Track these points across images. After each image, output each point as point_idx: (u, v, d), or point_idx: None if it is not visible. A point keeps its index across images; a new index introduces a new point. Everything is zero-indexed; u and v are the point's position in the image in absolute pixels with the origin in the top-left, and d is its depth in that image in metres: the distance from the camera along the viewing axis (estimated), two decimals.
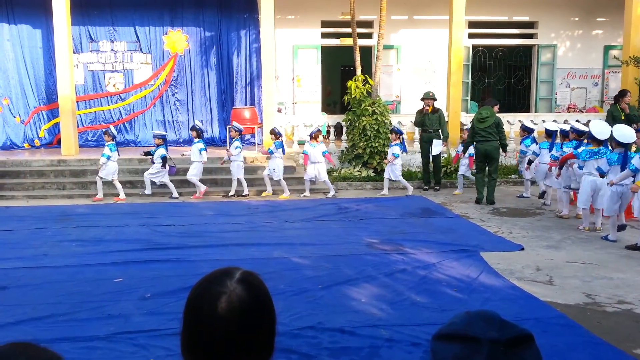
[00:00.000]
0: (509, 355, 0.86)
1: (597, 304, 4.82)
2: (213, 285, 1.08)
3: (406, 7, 14.10)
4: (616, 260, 6.09)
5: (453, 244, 6.63)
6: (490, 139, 9.04)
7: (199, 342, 1.07)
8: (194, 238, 7.02)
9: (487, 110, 9.18)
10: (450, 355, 0.89)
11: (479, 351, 0.86)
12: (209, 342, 1.06)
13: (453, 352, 0.89)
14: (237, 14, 13.47)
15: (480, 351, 0.86)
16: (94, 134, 13.53)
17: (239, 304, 1.05)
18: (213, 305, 1.05)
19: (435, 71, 14.27)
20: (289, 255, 6.21)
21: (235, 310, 1.05)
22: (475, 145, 9.25)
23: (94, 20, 13.28)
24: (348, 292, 5.03)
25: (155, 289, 5.10)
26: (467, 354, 0.88)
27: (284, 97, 14.05)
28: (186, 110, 13.68)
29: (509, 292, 5.06)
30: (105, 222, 7.89)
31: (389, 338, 4.06)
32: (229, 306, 1.05)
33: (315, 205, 9.18)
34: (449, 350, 0.90)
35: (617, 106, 10.55)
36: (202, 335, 1.06)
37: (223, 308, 1.04)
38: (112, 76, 13.57)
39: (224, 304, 1.05)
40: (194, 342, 1.08)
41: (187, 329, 1.09)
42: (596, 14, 14.84)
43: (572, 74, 15.06)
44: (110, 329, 4.22)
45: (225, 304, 1.05)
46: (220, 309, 1.04)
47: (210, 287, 1.08)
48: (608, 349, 3.93)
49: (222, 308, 1.04)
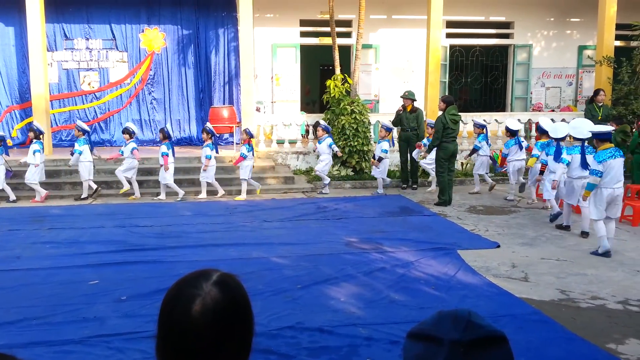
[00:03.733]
0: (468, 357, 0.85)
1: (572, 300, 4.91)
2: (188, 287, 1.07)
3: (385, 7, 14.15)
4: (589, 256, 6.21)
5: (431, 242, 6.69)
6: (456, 138, 9.29)
7: (172, 344, 1.05)
8: (171, 239, 6.95)
9: (456, 109, 9.16)
10: (414, 354, 0.90)
11: (438, 352, 0.86)
12: (182, 344, 1.04)
13: (417, 351, 0.90)
14: (215, 12, 13.37)
15: (439, 352, 0.86)
16: (68, 134, 13.28)
17: (213, 306, 1.04)
18: (187, 307, 1.04)
19: (414, 70, 14.36)
20: (268, 255, 6.18)
21: (209, 313, 1.03)
22: (445, 145, 9.07)
23: (69, 17, 13.04)
24: (327, 292, 5.03)
25: (132, 291, 5.03)
26: (428, 354, 0.88)
27: (262, 96, 13.99)
28: (163, 109, 13.52)
29: (485, 289, 5.12)
30: (80, 224, 7.76)
31: (367, 337, 4.07)
32: (203, 308, 1.03)
33: (295, 204, 9.17)
34: (414, 349, 0.91)
35: (594, 105, 10.81)
36: (176, 338, 1.05)
37: (197, 310, 1.03)
38: (87, 74, 13.35)
39: (197, 306, 1.03)
40: (167, 344, 1.06)
41: (161, 332, 1.07)
42: (570, 15, 15.10)
43: (547, 73, 15.30)
44: (85, 332, 4.16)
45: (199, 306, 1.03)
46: (194, 311, 1.03)
47: (185, 289, 1.07)
48: (582, 344, 4.00)
49: (196, 310, 1.03)
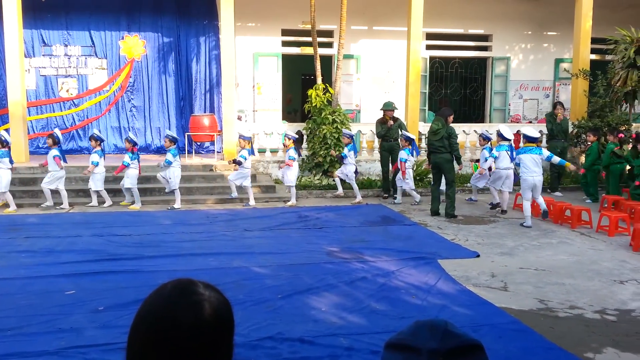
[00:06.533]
0: None
1: (550, 309, 4.96)
2: (185, 296, 1.05)
3: (366, 18, 14.29)
4: (567, 266, 6.30)
5: (412, 252, 6.71)
6: (442, 151, 9.05)
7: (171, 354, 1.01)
8: (150, 248, 6.85)
9: (438, 121, 9.15)
10: None
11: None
12: (185, 352, 1.01)
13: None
14: (196, 20, 13.34)
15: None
16: (45, 141, 13.07)
17: (219, 307, 1.06)
18: (197, 313, 1.03)
19: (394, 81, 14.49)
20: (249, 264, 6.14)
21: (219, 313, 1.05)
22: (428, 157, 9.43)
23: (47, 23, 12.88)
24: (308, 301, 5.01)
25: (109, 301, 4.94)
26: None
27: (244, 105, 13.96)
28: (143, 117, 13.40)
29: (465, 299, 5.15)
30: (57, 233, 7.62)
31: (348, 347, 4.06)
32: (213, 311, 1.04)
33: (276, 213, 9.13)
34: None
35: (552, 115, 11.24)
36: (177, 348, 1.01)
37: (209, 314, 1.03)
38: (65, 81, 13.18)
39: (208, 309, 1.04)
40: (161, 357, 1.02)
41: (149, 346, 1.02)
42: (547, 29, 15.42)
43: (525, 85, 15.58)
44: (61, 343, 4.07)
45: (209, 309, 1.04)
46: (207, 315, 1.03)
47: (183, 298, 1.05)
48: (561, 353, 4.04)
49: (209, 314, 1.03)
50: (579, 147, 12.42)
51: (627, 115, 11.96)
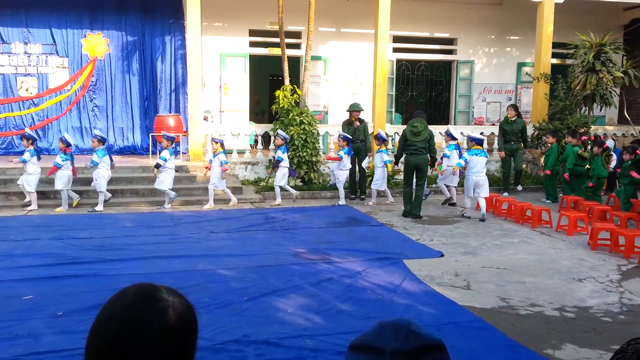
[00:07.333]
0: None
1: (511, 307, 5.07)
2: (148, 301, 1.02)
3: (333, 20, 14.33)
4: (528, 265, 6.45)
5: (378, 252, 6.76)
6: (423, 152, 9.05)
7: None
8: (111, 251, 6.70)
9: (420, 123, 9.12)
10: None
11: None
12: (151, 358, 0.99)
13: None
14: (161, 19, 13.12)
15: None
16: (3, 141, 12.66)
17: (184, 312, 1.04)
18: (162, 320, 1.00)
19: (362, 83, 14.58)
20: (214, 267, 6.07)
21: (183, 319, 1.03)
22: (406, 158, 9.26)
23: (6, 20, 12.45)
24: (274, 303, 4.98)
25: (68, 306, 4.81)
26: None
27: (210, 105, 13.81)
28: (105, 116, 13.09)
29: (429, 298, 5.22)
30: (14, 236, 7.37)
31: (314, 348, 4.06)
32: (177, 317, 1.02)
33: (242, 215, 9.07)
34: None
35: (507, 118, 11.51)
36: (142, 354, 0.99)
37: (174, 320, 1.01)
38: (24, 80, 12.77)
39: (173, 315, 1.02)
40: None
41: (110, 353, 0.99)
42: (510, 33, 15.78)
43: (488, 89, 15.90)
44: (18, 350, 3.94)
45: (174, 315, 1.02)
46: (172, 321, 1.01)
47: (147, 304, 1.02)
48: (522, 350, 4.14)
49: (173, 320, 1.01)
50: (540, 148, 12.74)
51: (586, 117, 12.34)
